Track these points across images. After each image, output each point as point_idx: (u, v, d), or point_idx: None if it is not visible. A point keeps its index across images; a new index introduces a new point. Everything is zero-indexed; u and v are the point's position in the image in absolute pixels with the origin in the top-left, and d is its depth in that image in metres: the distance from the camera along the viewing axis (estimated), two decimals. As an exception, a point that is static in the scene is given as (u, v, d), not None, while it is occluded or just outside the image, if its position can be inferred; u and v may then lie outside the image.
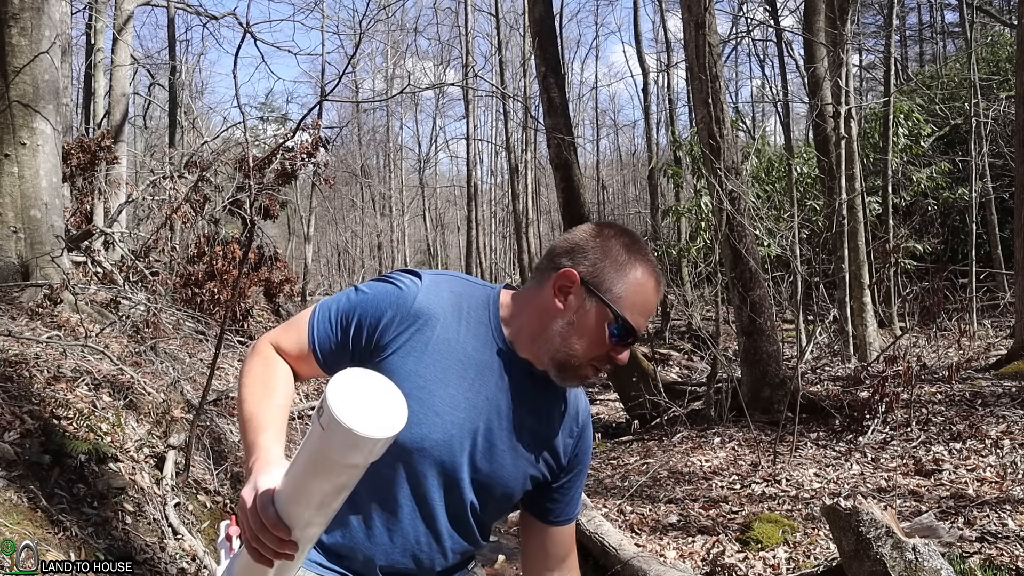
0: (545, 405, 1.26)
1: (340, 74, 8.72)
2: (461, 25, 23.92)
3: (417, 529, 1.23)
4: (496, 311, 1.24)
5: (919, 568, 2.25)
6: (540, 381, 1.24)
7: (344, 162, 28.76)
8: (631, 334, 1.17)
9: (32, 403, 3.42)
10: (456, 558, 1.30)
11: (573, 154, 8.22)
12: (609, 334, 1.16)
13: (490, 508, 1.28)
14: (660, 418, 6.33)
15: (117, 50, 11.21)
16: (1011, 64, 11.83)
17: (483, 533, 1.31)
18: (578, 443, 1.31)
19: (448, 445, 1.19)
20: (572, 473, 1.32)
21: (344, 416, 0.88)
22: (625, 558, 3.32)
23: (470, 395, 1.20)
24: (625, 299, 1.17)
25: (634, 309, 1.17)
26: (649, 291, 1.19)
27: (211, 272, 7.66)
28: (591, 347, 1.17)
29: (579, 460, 1.33)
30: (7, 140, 5.21)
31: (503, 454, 1.23)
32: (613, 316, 1.16)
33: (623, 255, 1.19)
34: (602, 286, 1.17)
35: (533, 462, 1.26)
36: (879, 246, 10.24)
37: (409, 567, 1.25)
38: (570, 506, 1.35)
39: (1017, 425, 4.73)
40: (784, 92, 13.86)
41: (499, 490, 1.25)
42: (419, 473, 1.20)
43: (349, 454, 0.91)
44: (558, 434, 1.28)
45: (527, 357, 1.22)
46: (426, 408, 1.17)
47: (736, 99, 24.70)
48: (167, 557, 3.01)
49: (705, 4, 6.30)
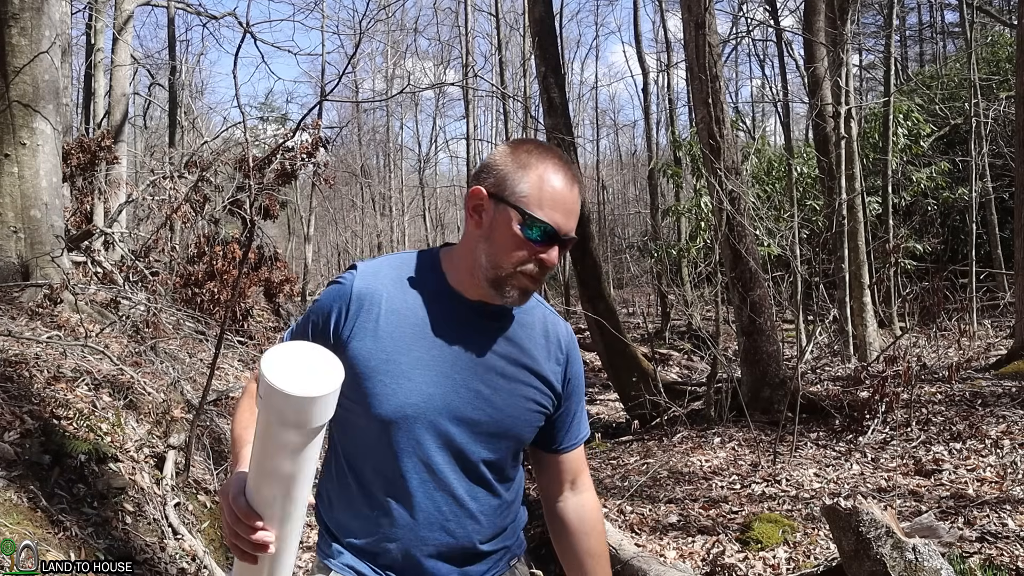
0: (517, 339, 1.27)
1: (340, 74, 8.72)
2: (461, 25, 23.93)
3: (434, 499, 1.22)
4: (439, 267, 1.27)
5: (919, 568, 2.25)
6: (500, 317, 1.26)
7: (344, 162, 28.76)
8: (546, 230, 1.17)
9: (32, 403, 3.42)
10: (492, 525, 1.28)
11: (573, 154, 8.23)
12: (524, 234, 1.17)
13: (502, 454, 1.26)
14: (660, 418, 6.33)
15: (117, 50, 11.22)
16: (1011, 64, 11.83)
17: (503, 480, 1.29)
18: (567, 368, 1.32)
19: (429, 405, 1.20)
20: (569, 400, 1.33)
21: (276, 380, 0.90)
22: (625, 558, 3.31)
23: (435, 352, 1.21)
24: (531, 196, 1.17)
25: (543, 204, 1.16)
26: (558, 184, 1.18)
27: (211, 272, 7.66)
28: (513, 254, 1.18)
29: (573, 385, 1.33)
30: (7, 140, 5.21)
31: (491, 397, 1.23)
32: (521, 215, 1.16)
33: (527, 158, 1.20)
34: (507, 191, 1.18)
35: (528, 396, 1.26)
36: (879, 246, 10.25)
37: (445, 540, 1.23)
38: (573, 432, 1.36)
39: (1017, 425, 4.73)
40: (784, 92, 13.88)
41: (503, 433, 1.25)
42: (414, 442, 1.21)
43: (289, 418, 0.92)
44: (543, 363, 1.28)
45: (477, 297, 1.24)
46: (396, 379, 1.19)
47: (736, 99, 24.72)
48: (167, 557, 3.01)
49: (705, 4, 6.30)
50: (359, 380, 1.21)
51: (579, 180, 1.23)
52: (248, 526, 1.02)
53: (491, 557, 1.30)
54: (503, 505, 1.30)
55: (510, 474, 1.31)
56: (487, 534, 1.28)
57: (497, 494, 1.28)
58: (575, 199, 1.20)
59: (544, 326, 1.31)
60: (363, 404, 1.22)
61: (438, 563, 1.24)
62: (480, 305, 1.24)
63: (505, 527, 1.32)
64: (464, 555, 1.26)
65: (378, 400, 1.20)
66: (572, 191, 1.20)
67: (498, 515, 1.29)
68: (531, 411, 1.27)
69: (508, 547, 1.34)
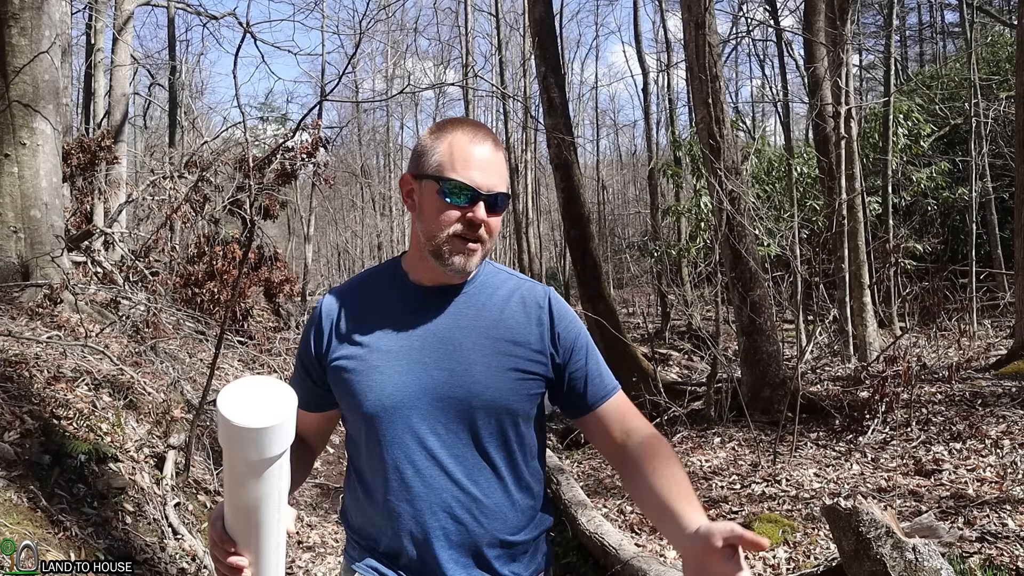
0: (489, 313, 1.28)
1: (340, 74, 8.71)
2: (461, 25, 23.92)
3: (432, 486, 1.22)
4: (399, 266, 1.33)
5: (919, 568, 2.25)
6: (463, 294, 1.28)
7: (344, 162, 28.77)
8: (463, 188, 1.19)
9: (32, 403, 3.42)
10: (503, 515, 1.24)
11: (573, 154, 8.23)
12: (445, 199, 1.20)
13: (494, 430, 1.25)
14: (660, 418, 6.33)
15: (117, 50, 11.21)
16: (1011, 64, 11.83)
17: (508, 463, 1.26)
18: (554, 327, 1.29)
19: (405, 393, 1.22)
20: (574, 355, 1.30)
21: (228, 413, 0.95)
22: (625, 558, 3.31)
23: (403, 342, 1.25)
24: (444, 162, 1.21)
25: (456, 166, 1.20)
26: (466, 144, 1.21)
27: (211, 272, 7.67)
28: (441, 220, 1.21)
29: (571, 341, 1.30)
30: (7, 140, 5.21)
31: (467, 374, 1.23)
32: (436, 181, 1.20)
33: (438, 132, 1.25)
34: (424, 166, 1.23)
35: (509, 366, 1.25)
36: (879, 246, 10.24)
37: (453, 528, 1.22)
38: (595, 388, 1.31)
39: (1017, 425, 4.73)
40: (784, 92, 13.88)
41: (488, 407, 1.23)
42: (401, 432, 1.22)
43: (244, 448, 0.97)
44: (522, 330, 1.28)
45: (434, 281, 1.27)
46: (368, 377, 1.23)
47: (736, 99, 24.71)
48: (167, 557, 3.01)
49: (705, 4, 6.30)
50: (345, 386, 1.24)
51: (495, 139, 1.25)
52: (223, 550, 1.07)
53: (513, 565, 1.27)
54: (510, 492, 1.26)
55: (516, 456, 1.27)
56: (498, 525, 1.24)
57: (501, 478, 1.25)
58: (490, 157, 1.22)
59: (520, 295, 1.31)
60: (353, 409, 1.25)
61: (454, 554, 1.22)
62: (439, 288, 1.28)
63: (523, 525, 1.28)
64: (479, 550, 1.24)
65: (359, 399, 1.23)
66: (486, 149, 1.22)
67: (508, 503, 1.26)
68: (517, 380, 1.25)
69: (531, 551, 1.30)
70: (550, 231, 31.30)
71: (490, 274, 1.33)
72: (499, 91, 20.63)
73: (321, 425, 1.38)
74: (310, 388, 1.32)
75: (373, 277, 1.35)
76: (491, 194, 1.21)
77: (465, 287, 1.29)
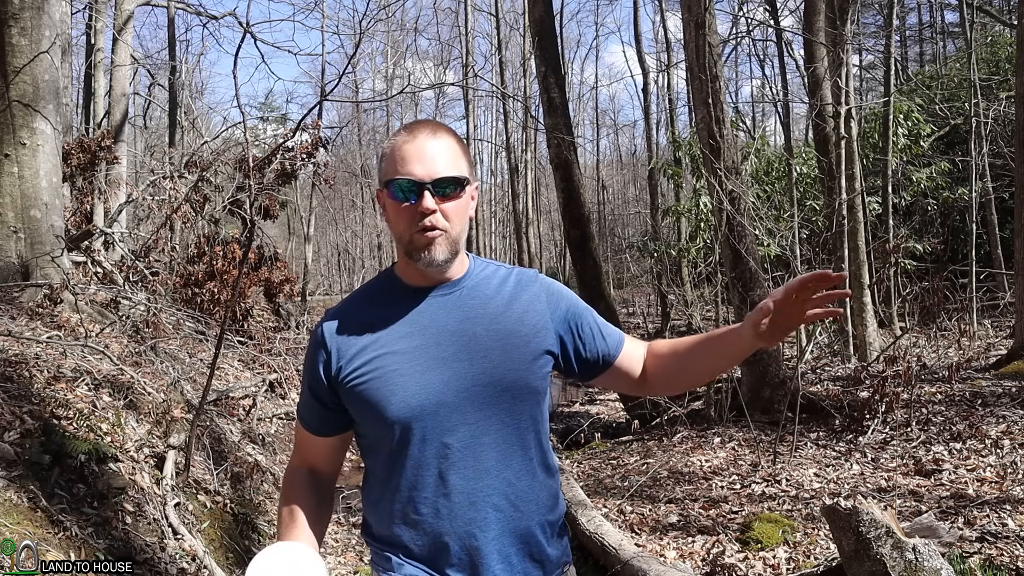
0: (491, 300, 1.32)
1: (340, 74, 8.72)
2: (461, 25, 23.93)
3: (469, 477, 1.24)
4: (393, 273, 1.36)
5: (919, 568, 2.25)
6: (463, 287, 1.31)
7: (344, 162, 28.78)
8: (403, 185, 1.23)
9: (32, 403, 3.42)
10: (535, 495, 1.30)
11: (573, 154, 8.22)
12: (394, 199, 1.24)
13: (519, 411, 1.28)
14: (660, 418, 6.34)
15: (117, 50, 11.21)
16: (1011, 64, 11.83)
17: (536, 444, 1.32)
18: (550, 299, 1.36)
19: (429, 390, 1.23)
20: (580, 319, 1.38)
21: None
22: (625, 558, 3.31)
23: (416, 342, 1.26)
24: (389, 167, 1.25)
25: (396, 165, 1.24)
26: (403, 143, 1.25)
27: (211, 272, 7.67)
28: (399, 221, 1.25)
29: (569, 306, 1.38)
30: (7, 140, 5.20)
31: (486, 360, 1.26)
32: (386, 186, 1.25)
33: (388, 144, 1.29)
34: (380, 178, 1.29)
35: (523, 345, 1.29)
36: (879, 246, 10.23)
37: (496, 517, 1.25)
38: (609, 341, 1.41)
39: (1017, 425, 4.73)
40: (784, 92, 13.89)
41: (510, 388, 1.27)
42: (432, 428, 1.23)
43: None
44: (525, 310, 1.33)
45: (425, 282, 1.30)
46: (389, 382, 1.24)
47: (736, 99, 24.70)
48: (167, 557, 3.01)
49: (705, 4, 6.30)
50: (365, 398, 1.25)
51: (435, 128, 1.28)
52: None
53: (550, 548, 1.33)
54: (537, 473, 1.31)
55: (541, 436, 1.33)
56: (533, 507, 1.29)
57: (530, 459, 1.30)
58: (428, 146, 1.24)
59: (515, 279, 1.37)
60: (377, 419, 1.25)
61: (500, 544, 1.25)
62: (432, 287, 1.31)
63: (553, 504, 1.34)
64: (524, 534, 1.27)
65: (383, 406, 1.23)
66: (422, 140, 1.25)
67: (538, 484, 1.31)
68: (533, 357, 1.30)
69: (563, 535, 1.38)
70: (550, 231, 31.32)
71: (481, 266, 1.37)
72: (499, 91, 20.64)
73: (337, 447, 1.39)
74: (323, 413, 1.33)
75: (369, 290, 1.37)
76: (435, 180, 1.22)
77: (463, 280, 1.32)
